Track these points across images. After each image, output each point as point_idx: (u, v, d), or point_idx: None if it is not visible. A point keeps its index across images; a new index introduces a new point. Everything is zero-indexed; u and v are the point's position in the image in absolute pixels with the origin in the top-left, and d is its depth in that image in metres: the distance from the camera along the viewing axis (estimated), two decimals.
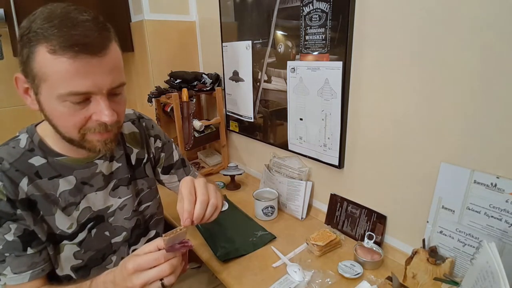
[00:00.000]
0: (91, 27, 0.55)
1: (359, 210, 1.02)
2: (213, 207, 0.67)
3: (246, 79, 1.34)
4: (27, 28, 0.55)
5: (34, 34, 0.54)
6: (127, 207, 0.80)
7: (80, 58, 0.54)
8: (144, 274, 0.58)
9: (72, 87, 0.55)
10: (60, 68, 0.54)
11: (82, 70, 0.55)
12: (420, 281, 0.79)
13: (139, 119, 0.87)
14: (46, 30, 0.53)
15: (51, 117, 0.60)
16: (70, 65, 0.54)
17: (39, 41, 0.54)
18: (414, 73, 0.80)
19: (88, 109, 0.59)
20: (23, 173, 0.65)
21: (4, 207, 0.62)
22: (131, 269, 0.58)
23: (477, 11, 0.67)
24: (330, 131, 1.03)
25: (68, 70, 0.54)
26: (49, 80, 0.55)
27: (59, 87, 0.55)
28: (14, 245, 0.64)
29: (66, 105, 0.57)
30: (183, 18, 1.62)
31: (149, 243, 0.62)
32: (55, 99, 0.57)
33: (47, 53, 0.53)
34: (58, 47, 0.53)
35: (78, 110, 0.58)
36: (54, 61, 0.53)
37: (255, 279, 0.85)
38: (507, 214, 0.69)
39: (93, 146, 0.64)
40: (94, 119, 0.60)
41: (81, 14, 0.56)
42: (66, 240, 0.70)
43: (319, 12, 0.96)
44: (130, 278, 0.58)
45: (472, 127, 0.73)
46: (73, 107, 0.58)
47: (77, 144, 0.64)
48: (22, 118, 1.51)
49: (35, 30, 0.54)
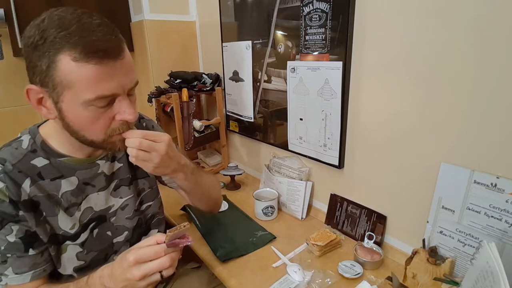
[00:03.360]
0: (106, 31, 0.56)
1: (359, 210, 1.02)
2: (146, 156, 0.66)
3: (246, 79, 1.34)
4: (41, 37, 0.54)
5: (52, 43, 0.54)
6: (129, 206, 0.81)
7: (105, 63, 0.55)
8: (144, 266, 0.59)
9: (100, 91, 0.57)
10: (86, 74, 0.55)
11: (107, 74, 0.56)
12: (420, 281, 0.79)
13: (140, 120, 0.88)
14: (65, 37, 0.53)
15: (75, 123, 0.61)
16: (96, 71, 0.55)
17: (60, 49, 0.54)
18: (414, 73, 0.80)
19: (112, 110, 0.61)
20: (26, 174, 0.65)
21: (6, 208, 0.62)
22: (132, 261, 0.59)
23: (476, 10, 0.67)
24: (330, 131, 1.03)
25: (95, 75, 0.55)
26: (74, 87, 0.56)
27: (85, 93, 0.56)
28: (16, 246, 0.64)
29: (92, 110, 0.59)
30: (183, 18, 1.62)
31: (149, 238, 0.62)
32: (80, 105, 0.58)
33: (70, 61, 0.54)
34: (83, 54, 0.54)
35: (102, 113, 0.60)
36: (80, 68, 0.54)
37: (255, 279, 0.85)
38: (507, 214, 0.69)
39: (114, 146, 0.66)
40: (117, 119, 0.62)
41: (92, 18, 0.57)
42: (69, 241, 0.70)
43: (319, 12, 0.96)
44: (131, 270, 0.59)
45: (472, 127, 0.73)
46: (98, 111, 0.59)
47: (98, 146, 0.65)
48: (22, 118, 1.51)
49: (52, 39, 0.54)
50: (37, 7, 1.41)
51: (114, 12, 1.56)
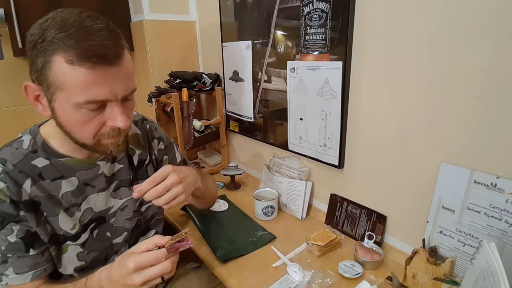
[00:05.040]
0: (106, 36, 0.56)
1: (359, 210, 1.02)
2: (172, 194, 0.69)
3: (246, 79, 1.34)
4: (41, 36, 0.55)
5: (50, 44, 0.54)
6: (128, 207, 0.81)
7: (98, 68, 0.55)
8: (145, 272, 0.59)
9: (90, 96, 0.56)
10: (79, 78, 0.55)
11: (100, 80, 0.56)
12: (420, 281, 0.79)
13: (143, 121, 0.88)
14: (63, 39, 0.53)
15: (66, 124, 0.61)
16: (88, 75, 0.55)
17: (56, 50, 0.54)
18: (414, 73, 0.80)
19: (103, 115, 0.61)
20: (27, 175, 0.65)
21: (7, 209, 0.62)
22: (132, 268, 0.58)
23: (478, 11, 0.67)
24: (330, 131, 1.03)
25: (87, 80, 0.55)
26: (66, 89, 0.56)
27: (76, 96, 0.56)
28: (17, 246, 0.64)
29: (82, 112, 0.59)
30: (183, 18, 1.62)
31: (147, 241, 0.62)
32: (71, 107, 0.58)
33: (64, 63, 0.54)
34: (76, 57, 0.53)
35: (93, 117, 0.60)
36: (72, 71, 0.54)
37: (255, 279, 0.85)
38: (507, 214, 0.69)
39: (106, 149, 0.66)
40: (108, 125, 0.62)
41: (95, 22, 0.56)
42: (69, 241, 0.71)
43: (319, 12, 0.96)
44: (131, 276, 0.59)
45: (472, 127, 0.73)
46: (88, 114, 0.59)
47: (89, 148, 0.66)
48: (22, 118, 1.50)
49: (50, 39, 0.54)
50: (37, 7, 1.42)
51: (114, 12, 1.56)
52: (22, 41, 1.33)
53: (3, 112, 1.48)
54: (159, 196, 0.68)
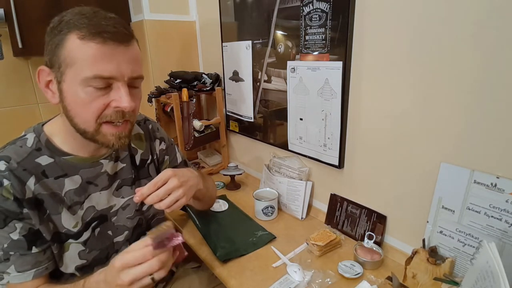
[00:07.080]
0: (118, 21, 0.62)
1: (359, 210, 1.02)
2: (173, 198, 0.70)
3: (246, 79, 1.34)
4: (59, 21, 0.60)
5: (66, 24, 0.59)
6: (130, 206, 0.81)
7: (108, 44, 0.59)
8: (132, 271, 0.59)
9: (98, 71, 0.59)
10: (89, 52, 0.58)
11: (108, 55, 0.59)
12: (420, 281, 0.79)
13: (145, 121, 0.89)
14: (78, 20, 0.58)
15: (71, 105, 0.62)
16: (97, 50, 0.58)
17: (70, 29, 0.58)
18: (414, 73, 0.80)
19: (108, 96, 0.62)
20: (31, 173, 0.65)
21: (10, 206, 0.62)
22: (118, 267, 0.59)
23: (476, 10, 0.67)
24: (330, 131, 1.03)
25: (96, 54, 0.58)
26: (76, 64, 0.59)
27: (85, 70, 0.58)
28: (19, 244, 0.64)
29: (89, 91, 0.60)
30: (183, 18, 1.62)
31: (137, 242, 0.62)
32: (79, 84, 0.59)
33: (77, 39, 0.58)
34: (88, 33, 0.58)
35: (99, 97, 0.61)
36: (83, 46, 0.58)
37: (255, 279, 0.85)
38: (507, 214, 0.69)
39: (106, 140, 0.66)
40: (112, 106, 0.63)
41: (108, 13, 0.62)
42: (71, 239, 0.71)
43: (319, 12, 0.96)
44: (119, 275, 0.59)
45: (472, 127, 0.73)
46: (94, 92, 0.60)
47: (90, 137, 0.65)
48: (22, 118, 1.50)
49: (67, 21, 0.59)
50: (37, 7, 1.42)
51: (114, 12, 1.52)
52: (22, 41, 1.33)
53: (3, 112, 1.48)
54: (160, 200, 0.68)
